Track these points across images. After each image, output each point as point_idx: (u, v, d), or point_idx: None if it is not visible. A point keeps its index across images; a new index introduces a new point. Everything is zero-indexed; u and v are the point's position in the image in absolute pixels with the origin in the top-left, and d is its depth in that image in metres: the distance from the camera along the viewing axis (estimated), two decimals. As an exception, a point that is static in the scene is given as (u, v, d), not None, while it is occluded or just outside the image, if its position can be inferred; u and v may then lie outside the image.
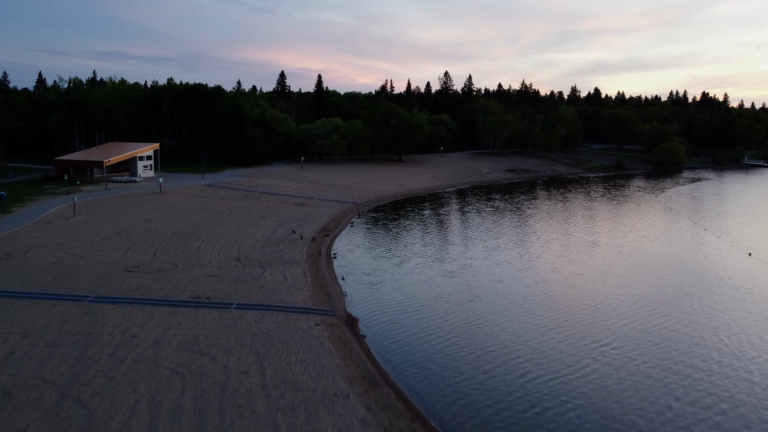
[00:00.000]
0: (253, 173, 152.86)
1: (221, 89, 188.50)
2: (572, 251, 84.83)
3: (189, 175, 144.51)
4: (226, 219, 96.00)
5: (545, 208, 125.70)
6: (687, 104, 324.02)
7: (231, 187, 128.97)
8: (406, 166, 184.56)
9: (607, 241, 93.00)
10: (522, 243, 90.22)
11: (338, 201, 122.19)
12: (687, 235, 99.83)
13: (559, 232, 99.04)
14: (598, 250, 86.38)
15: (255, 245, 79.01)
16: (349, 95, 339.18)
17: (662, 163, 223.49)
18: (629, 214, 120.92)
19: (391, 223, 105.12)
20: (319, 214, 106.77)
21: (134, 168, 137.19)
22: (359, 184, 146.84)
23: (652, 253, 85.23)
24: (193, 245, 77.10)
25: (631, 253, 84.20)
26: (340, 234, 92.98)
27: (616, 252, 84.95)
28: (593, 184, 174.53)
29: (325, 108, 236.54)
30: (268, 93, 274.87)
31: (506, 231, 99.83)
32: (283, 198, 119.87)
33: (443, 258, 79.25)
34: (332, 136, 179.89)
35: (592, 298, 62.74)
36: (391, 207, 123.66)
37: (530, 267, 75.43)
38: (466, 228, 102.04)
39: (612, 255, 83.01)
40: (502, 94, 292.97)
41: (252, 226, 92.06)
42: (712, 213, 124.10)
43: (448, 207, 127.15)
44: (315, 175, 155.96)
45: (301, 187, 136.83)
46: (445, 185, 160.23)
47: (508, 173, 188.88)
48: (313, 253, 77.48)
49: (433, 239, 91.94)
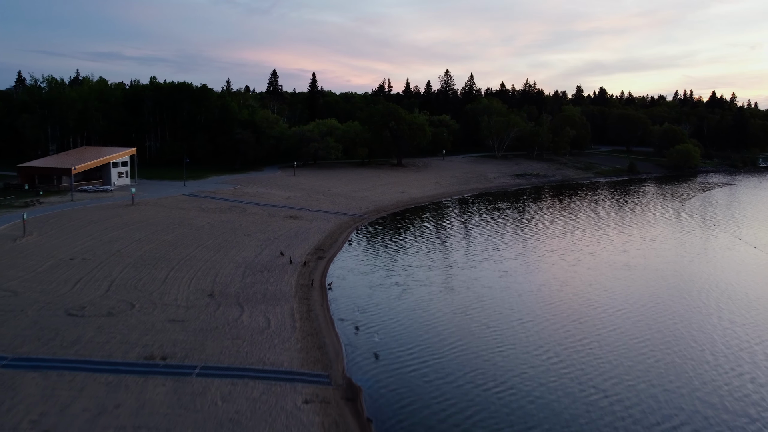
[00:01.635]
0: (240, 180, 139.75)
1: (207, 89, 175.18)
2: (608, 277, 72.04)
3: (169, 183, 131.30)
4: (205, 237, 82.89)
5: (564, 222, 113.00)
6: (696, 104, 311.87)
7: (214, 197, 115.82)
8: (406, 171, 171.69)
9: (642, 262, 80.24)
10: (546, 267, 77.40)
11: (334, 213, 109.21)
12: (734, 254, 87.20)
13: (587, 252, 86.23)
14: (635, 274, 73.59)
15: (235, 273, 65.98)
16: (345, 95, 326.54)
17: (676, 166, 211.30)
18: (660, 227, 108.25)
19: (394, 242, 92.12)
20: (312, 229, 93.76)
21: (108, 175, 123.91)
22: (357, 192, 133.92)
23: (699, 277, 72.50)
24: (160, 274, 63.99)
25: (676, 280, 71.49)
26: (336, 255, 79.94)
27: (656, 278, 72.23)
28: (609, 191, 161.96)
29: (319, 109, 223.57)
30: (260, 93, 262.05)
31: (524, 251, 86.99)
32: (273, 210, 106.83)
33: (456, 287, 66.37)
34: (327, 138, 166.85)
35: (654, 350, 49.96)
36: (392, 220, 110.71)
37: (564, 301, 62.62)
38: (477, 247, 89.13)
39: (653, 282, 70.28)
40: (504, 94, 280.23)
41: (234, 246, 78.99)
42: (750, 224, 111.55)
43: (455, 220, 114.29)
44: (308, 182, 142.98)
45: (293, 196, 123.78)
46: (450, 192, 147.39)
47: (515, 178, 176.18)
48: (304, 283, 64.50)
49: (442, 261, 79.01)
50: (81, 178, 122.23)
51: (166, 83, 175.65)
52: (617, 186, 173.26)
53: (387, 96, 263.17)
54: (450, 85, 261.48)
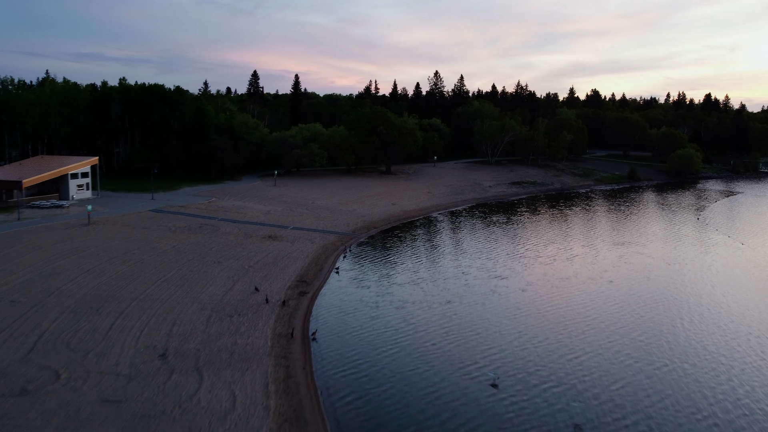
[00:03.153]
0: (215, 192, 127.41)
1: (181, 91, 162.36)
2: (641, 319, 60.99)
3: (136, 196, 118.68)
4: (168, 267, 70.65)
5: (573, 241, 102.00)
6: (691, 107, 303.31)
7: (184, 212, 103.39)
8: (396, 180, 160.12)
9: (677, 297, 69.35)
10: (567, 306, 66.17)
11: (318, 231, 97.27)
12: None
13: (604, 280, 75.12)
14: (669, 313, 62.62)
15: (197, 319, 53.92)
16: (330, 97, 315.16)
17: (677, 172, 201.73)
18: (681, 246, 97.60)
19: (388, 270, 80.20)
20: (294, 253, 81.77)
21: (65, 188, 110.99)
22: (344, 205, 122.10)
23: (744, 316, 61.67)
24: (104, 323, 51.77)
25: (716, 316, 60.64)
26: (321, 289, 68.00)
27: (693, 315, 61.33)
28: (612, 201, 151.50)
29: (302, 112, 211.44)
30: (242, 95, 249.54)
31: (535, 278, 75.69)
32: (249, 228, 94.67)
33: (469, 335, 54.88)
34: (311, 145, 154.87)
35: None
36: (384, 240, 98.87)
37: (597, 356, 51.39)
38: (480, 273, 77.63)
39: (689, 319, 59.36)
40: (495, 96, 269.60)
41: (200, 278, 66.87)
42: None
43: (455, 240, 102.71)
44: (290, 193, 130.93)
45: (273, 210, 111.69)
46: (444, 204, 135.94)
47: (512, 187, 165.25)
48: (282, 332, 52.59)
49: (445, 296, 67.39)
50: (36, 192, 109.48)
51: (137, 85, 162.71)
52: (620, 195, 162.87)
53: (374, 98, 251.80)
54: (439, 87, 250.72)
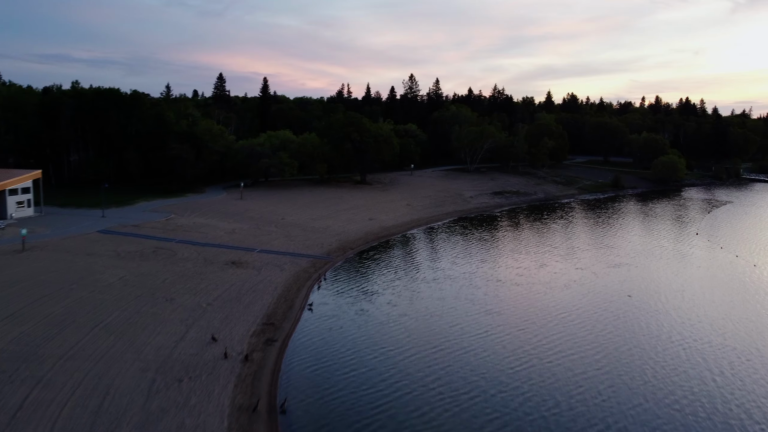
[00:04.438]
0: (175, 207, 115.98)
1: (139, 95, 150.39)
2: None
3: (85, 213, 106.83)
4: (110, 307, 59.66)
5: (570, 263, 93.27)
6: (669, 111, 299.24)
7: (137, 233, 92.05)
8: (372, 190, 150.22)
9: (711, 342, 60.88)
10: (579, 361, 57.09)
11: (289, 254, 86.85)
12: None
13: (619, 323, 66.36)
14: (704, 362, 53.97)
15: (137, 387, 43.31)
16: (300, 101, 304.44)
17: (661, 179, 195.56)
18: (684, 267, 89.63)
19: (369, 302, 70.15)
20: (260, 284, 71.32)
21: (2, 206, 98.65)
22: (316, 221, 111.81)
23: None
24: (14, 397, 40.83)
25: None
26: (292, 334, 57.65)
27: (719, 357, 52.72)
28: (602, 213, 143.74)
29: (271, 117, 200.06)
30: (206, 99, 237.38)
31: (536, 316, 66.52)
32: (211, 252, 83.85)
33: (471, 405, 45.38)
34: (280, 154, 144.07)
35: None
36: (362, 263, 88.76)
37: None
38: (473, 306, 68.22)
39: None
40: (472, 100, 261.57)
41: (148, 322, 56.11)
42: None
43: (439, 262, 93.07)
44: (258, 208, 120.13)
45: (238, 229, 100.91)
46: (425, 218, 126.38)
47: (494, 197, 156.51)
48: (243, 404, 42.30)
49: (437, 336, 57.77)
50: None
51: (90, 88, 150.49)
52: (608, 206, 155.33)
53: (347, 102, 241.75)
54: (415, 91, 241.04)
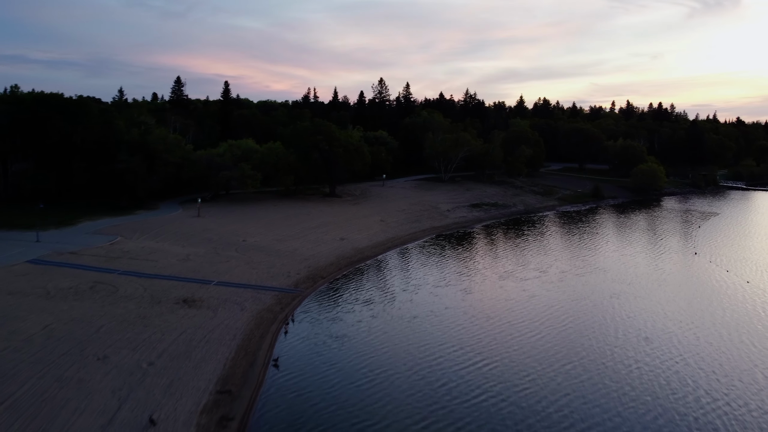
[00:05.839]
0: (123, 227, 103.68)
1: (85, 101, 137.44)
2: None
3: (17, 236, 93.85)
4: (21, 373, 47.74)
5: (567, 295, 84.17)
6: (642, 116, 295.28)
7: (75, 263, 79.68)
8: (342, 204, 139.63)
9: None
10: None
11: (251, 287, 75.71)
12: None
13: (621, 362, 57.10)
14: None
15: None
16: (264, 104, 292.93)
17: (641, 188, 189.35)
18: (709, 306, 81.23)
19: (346, 353, 59.43)
20: (216, 330, 60.09)
21: None
22: (282, 243, 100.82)
23: None
24: None
25: None
26: (253, 407, 46.64)
27: None
28: (587, 227, 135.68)
29: (233, 123, 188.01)
30: (163, 103, 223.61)
31: (541, 370, 56.83)
32: (159, 287, 72.15)
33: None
34: (242, 165, 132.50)
35: None
36: (335, 297, 77.88)
37: None
38: (466, 356, 58.28)
39: None
40: (444, 105, 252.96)
41: (70, 396, 44.46)
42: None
43: (421, 293, 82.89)
44: (217, 227, 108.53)
45: (194, 254, 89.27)
46: (401, 236, 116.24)
47: (473, 210, 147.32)
48: None
49: (430, 402, 47.56)
50: None
51: (30, 93, 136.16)
52: (591, 219, 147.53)
53: (313, 106, 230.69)
54: (385, 96, 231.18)
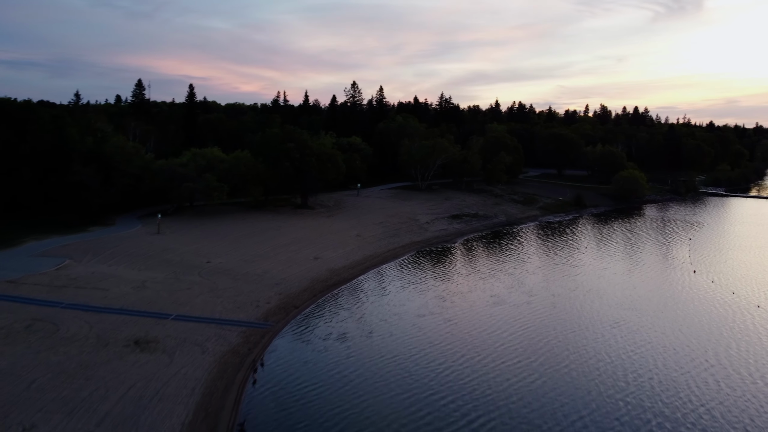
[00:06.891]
0: (73, 247, 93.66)
1: (33, 106, 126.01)
2: None
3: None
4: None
5: (565, 324, 77.16)
6: (618, 121, 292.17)
7: (12, 295, 69.76)
8: (316, 217, 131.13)
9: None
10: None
11: (214, 322, 66.96)
12: None
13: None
14: None
15: None
16: (232, 107, 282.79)
17: (623, 196, 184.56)
18: (727, 340, 74.84)
19: (324, 406, 51.49)
20: (172, 383, 51.26)
21: None
22: (250, 263, 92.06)
23: None
24: None
25: None
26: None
27: None
28: (572, 241, 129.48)
29: (199, 128, 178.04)
30: (127, 104, 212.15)
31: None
32: (108, 324, 62.85)
33: None
34: (207, 176, 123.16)
35: None
36: (310, 332, 69.47)
37: None
38: (458, 408, 50.61)
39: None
40: (419, 109, 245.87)
41: (-20, 488, 35.71)
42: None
43: (402, 321, 75.07)
44: (178, 245, 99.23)
45: (151, 280, 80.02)
46: (379, 253, 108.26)
47: (453, 222, 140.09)
48: None
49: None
50: None
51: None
52: (575, 231, 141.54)
53: (283, 110, 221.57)
54: (357, 99, 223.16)
